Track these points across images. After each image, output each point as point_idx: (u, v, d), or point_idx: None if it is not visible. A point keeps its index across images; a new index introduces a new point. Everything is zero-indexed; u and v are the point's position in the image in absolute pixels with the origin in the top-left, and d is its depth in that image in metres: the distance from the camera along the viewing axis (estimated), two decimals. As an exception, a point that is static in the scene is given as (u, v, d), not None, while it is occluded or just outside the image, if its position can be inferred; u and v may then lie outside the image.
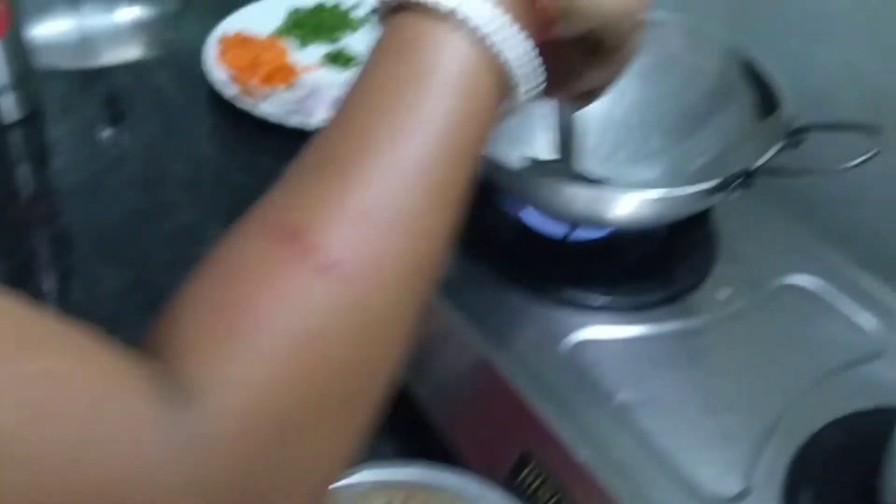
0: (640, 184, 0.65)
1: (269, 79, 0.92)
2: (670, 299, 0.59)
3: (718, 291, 0.60)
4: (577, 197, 0.55)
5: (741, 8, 0.73)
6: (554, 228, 0.60)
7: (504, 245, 0.62)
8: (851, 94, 0.67)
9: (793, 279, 0.62)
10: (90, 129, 0.87)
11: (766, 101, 0.60)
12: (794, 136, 0.55)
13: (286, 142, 0.86)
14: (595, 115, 0.69)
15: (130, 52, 1.41)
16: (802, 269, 0.62)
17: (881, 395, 0.54)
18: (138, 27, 1.44)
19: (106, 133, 0.87)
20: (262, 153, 0.87)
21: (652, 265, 0.61)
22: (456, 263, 0.60)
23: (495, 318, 0.57)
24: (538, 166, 0.62)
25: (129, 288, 0.70)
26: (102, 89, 0.93)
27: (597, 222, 0.57)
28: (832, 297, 0.60)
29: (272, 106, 0.89)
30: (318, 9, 1.05)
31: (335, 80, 0.93)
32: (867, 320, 0.59)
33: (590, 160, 0.67)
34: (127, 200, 0.78)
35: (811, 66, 0.69)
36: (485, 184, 0.59)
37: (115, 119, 0.89)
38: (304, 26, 1.02)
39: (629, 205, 0.53)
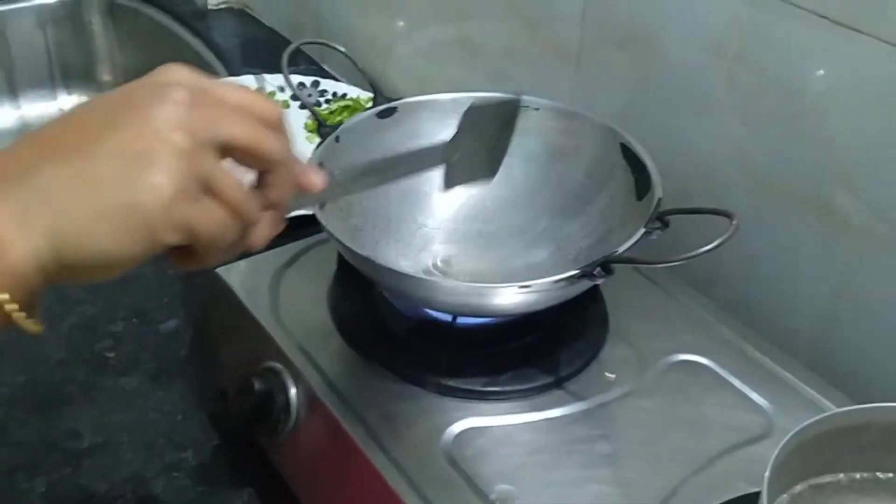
0: (527, 267, 0.65)
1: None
2: (556, 384, 0.59)
3: (606, 373, 0.60)
4: (452, 292, 0.55)
5: (631, 95, 0.75)
6: (437, 316, 0.60)
7: (386, 336, 0.62)
8: (733, 168, 0.68)
9: (684, 357, 0.62)
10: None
11: (643, 181, 0.61)
12: (656, 221, 0.55)
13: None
14: (487, 199, 0.70)
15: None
16: (694, 347, 0.62)
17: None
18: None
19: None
20: (173, 243, 0.87)
21: (538, 349, 0.61)
22: (339, 357, 0.60)
23: (376, 410, 0.56)
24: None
25: (22, 389, 0.69)
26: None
27: (473, 313, 0.57)
28: (724, 375, 0.60)
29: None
30: (239, 94, 1.06)
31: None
32: (758, 398, 0.59)
33: (484, 243, 0.68)
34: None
35: (695, 141, 0.70)
36: (367, 279, 0.60)
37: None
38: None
39: (495, 298, 0.53)
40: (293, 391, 0.59)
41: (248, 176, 0.40)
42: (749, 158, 0.67)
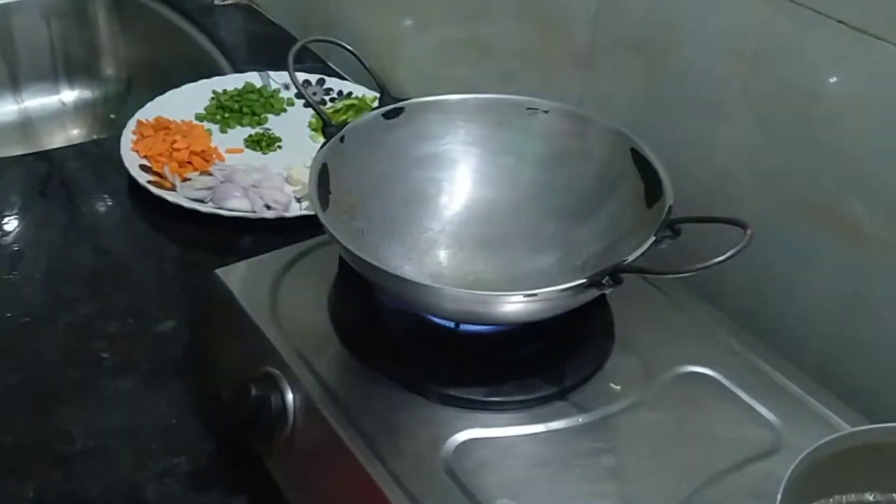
0: (533, 273, 0.64)
1: (185, 165, 0.91)
2: (560, 395, 0.57)
3: (612, 384, 0.59)
4: (455, 299, 0.53)
5: (643, 100, 0.73)
6: (440, 323, 0.59)
7: (386, 343, 0.60)
8: (746, 175, 0.67)
9: (691, 368, 0.60)
10: (-2, 220, 0.86)
11: (653, 188, 0.60)
12: (667, 229, 0.54)
13: (198, 229, 0.85)
14: (493, 202, 0.69)
15: (72, 134, 1.41)
16: (701, 358, 0.60)
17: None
18: (80, 109, 1.45)
19: (10, 224, 0.85)
20: (173, 242, 0.85)
21: (541, 358, 0.59)
22: (338, 363, 0.59)
23: (375, 419, 0.55)
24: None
25: (14, 390, 0.67)
26: (15, 178, 0.92)
27: (476, 321, 0.56)
28: (731, 388, 0.59)
29: (187, 193, 0.87)
30: (244, 91, 1.05)
31: (254, 165, 0.92)
32: (767, 412, 0.57)
33: (489, 247, 0.67)
34: (24, 296, 0.76)
35: (708, 147, 0.69)
36: (368, 284, 0.59)
37: (24, 209, 0.88)
38: (228, 109, 1.02)
39: (501, 306, 0.52)
40: (290, 397, 0.58)
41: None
42: (762, 165, 0.65)
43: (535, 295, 0.50)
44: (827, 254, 0.62)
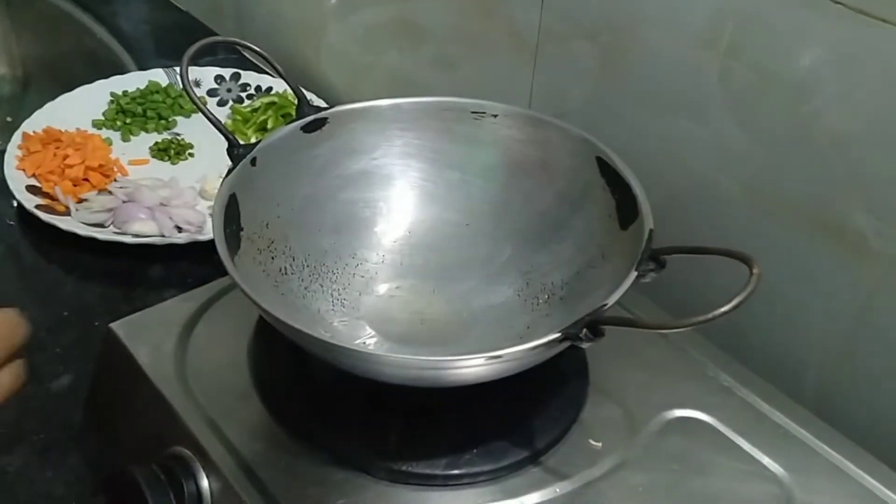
0: (489, 308, 0.54)
1: (81, 183, 0.79)
2: (532, 459, 0.48)
3: (591, 440, 0.50)
4: (401, 365, 0.43)
5: (604, 96, 0.64)
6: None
7: (321, 407, 0.50)
8: (729, 181, 0.58)
9: (680, 413, 0.52)
10: None
11: (626, 205, 0.51)
12: (649, 262, 0.45)
13: (98, 259, 0.73)
14: (439, 225, 0.59)
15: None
16: (690, 400, 0.52)
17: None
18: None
19: None
20: (68, 276, 0.74)
21: (507, 416, 0.50)
22: (262, 436, 0.49)
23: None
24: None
25: None
26: None
27: (429, 385, 0.46)
28: (728, 435, 0.51)
29: (83, 217, 0.76)
30: (147, 91, 0.93)
31: (161, 178, 0.81)
32: (771, 463, 0.49)
33: (438, 278, 0.57)
34: None
35: (683, 149, 0.60)
36: (307, 353, 0.49)
37: None
38: (129, 113, 0.90)
39: (458, 371, 0.42)
40: (205, 483, 0.47)
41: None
42: (747, 169, 0.57)
43: (499, 357, 0.41)
44: (827, 270, 0.55)
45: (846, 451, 0.50)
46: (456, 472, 0.47)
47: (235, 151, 0.52)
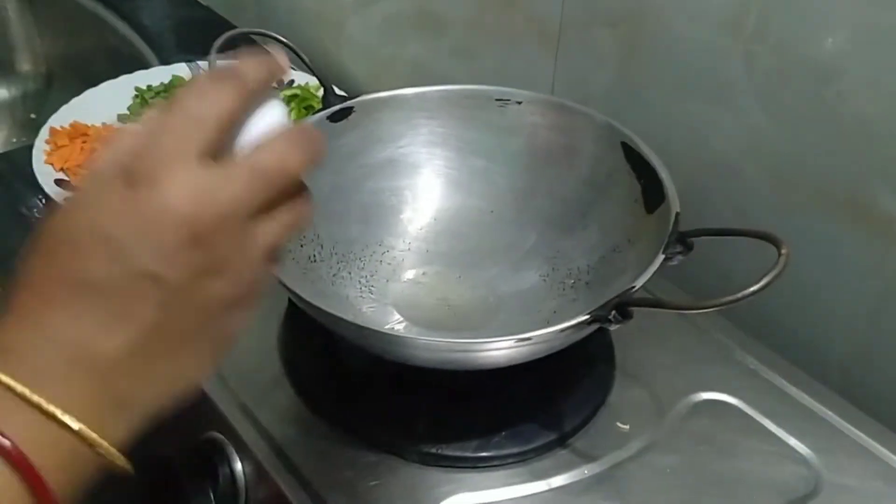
0: (516, 294, 0.55)
1: (108, 176, 0.80)
2: (560, 441, 0.49)
3: (619, 423, 0.50)
4: (431, 348, 0.44)
5: (627, 82, 0.64)
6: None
7: (351, 392, 0.51)
8: (754, 164, 0.58)
9: (707, 395, 0.52)
10: None
11: (652, 189, 0.51)
12: (676, 245, 0.45)
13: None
14: (464, 212, 0.59)
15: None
16: (717, 383, 0.52)
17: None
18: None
19: None
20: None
21: (536, 398, 0.50)
22: (294, 421, 0.49)
23: (341, 489, 0.46)
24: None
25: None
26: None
27: (458, 368, 0.47)
28: (755, 417, 0.51)
29: (111, 209, 0.77)
30: (171, 86, 0.94)
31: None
32: (799, 445, 0.49)
33: (464, 265, 0.57)
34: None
35: (707, 133, 0.60)
36: (336, 338, 0.50)
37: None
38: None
39: (487, 354, 0.43)
40: (239, 467, 0.48)
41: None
42: (772, 152, 0.57)
43: (528, 339, 0.41)
44: (852, 253, 0.54)
45: (872, 432, 0.50)
46: (485, 454, 0.47)
47: (264, 141, 0.52)
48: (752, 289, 0.38)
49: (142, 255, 0.29)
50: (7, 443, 0.27)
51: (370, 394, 0.51)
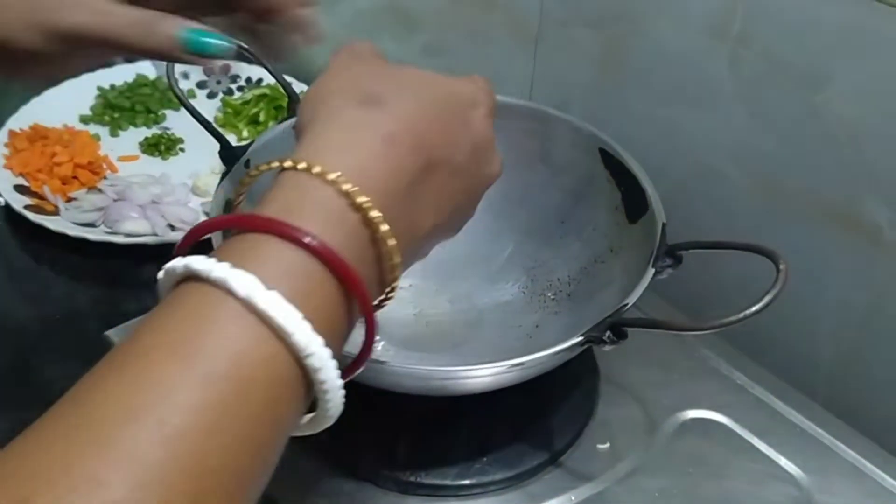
0: (495, 307, 0.53)
1: (70, 181, 0.77)
2: (543, 467, 0.47)
3: (598, 444, 0.49)
4: (416, 377, 0.42)
5: (608, 85, 0.62)
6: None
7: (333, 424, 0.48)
8: (739, 171, 0.56)
9: (694, 413, 0.50)
10: None
11: (634, 197, 0.49)
12: (665, 258, 0.43)
13: (88, 260, 0.71)
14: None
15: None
16: (705, 400, 0.51)
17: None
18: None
19: None
20: (59, 277, 0.72)
21: (522, 417, 0.48)
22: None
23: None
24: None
25: None
26: None
27: (442, 395, 0.44)
28: (745, 436, 0.50)
29: (73, 217, 0.74)
30: (135, 85, 0.90)
31: (152, 175, 0.79)
32: (789, 464, 0.48)
33: (440, 277, 0.55)
34: None
35: (691, 139, 0.58)
36: None
37: None
38: (118, 108, 0.87)
39: (475, 380, 0.41)
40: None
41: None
42: (758, 159, 0.55)
43: (521, 364, 0.39)
44: (840, 262, 0.53)
45: (863, 450, 0.49)
46: (467, 482, 0.45)
47: (227, 153, 0.50)
48: (753, 309, 0.37)
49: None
50: (315, 242, 0.29)
51: (347, 419, 0.48)
